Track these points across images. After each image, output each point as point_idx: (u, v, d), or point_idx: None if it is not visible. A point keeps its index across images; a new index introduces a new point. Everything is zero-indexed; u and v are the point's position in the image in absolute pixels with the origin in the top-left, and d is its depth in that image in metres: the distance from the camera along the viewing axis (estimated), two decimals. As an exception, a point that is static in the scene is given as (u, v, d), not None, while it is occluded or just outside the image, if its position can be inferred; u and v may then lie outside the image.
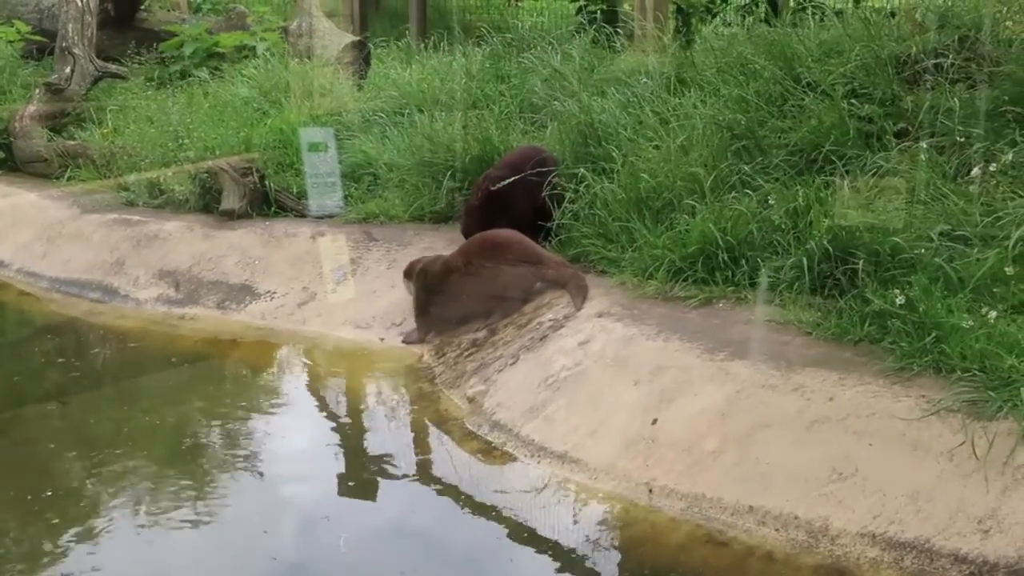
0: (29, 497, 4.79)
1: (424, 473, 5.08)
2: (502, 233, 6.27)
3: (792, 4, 9.86)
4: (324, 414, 5.99)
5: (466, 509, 4.70)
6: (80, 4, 10.31)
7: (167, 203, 8.22)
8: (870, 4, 10.38)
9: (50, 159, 9.23)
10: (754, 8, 10.39)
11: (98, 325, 7.14)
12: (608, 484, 4.71)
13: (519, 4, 15.90)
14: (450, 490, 4.87)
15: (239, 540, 4.55)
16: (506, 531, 4.50)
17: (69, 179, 8.93)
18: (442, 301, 6.32)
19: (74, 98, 9.84)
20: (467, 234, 6.67)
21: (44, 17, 11.49)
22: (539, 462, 4.96)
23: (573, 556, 4.32)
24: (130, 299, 7.35)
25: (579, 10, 11.44)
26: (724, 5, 11.46)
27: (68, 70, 9.93)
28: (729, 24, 9.67)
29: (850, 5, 10.63)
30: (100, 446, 5.39)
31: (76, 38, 10.10)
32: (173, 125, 8.63)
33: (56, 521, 4.60)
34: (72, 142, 9.37)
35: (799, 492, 4.32)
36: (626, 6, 10.43)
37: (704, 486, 4.51)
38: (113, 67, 10.40)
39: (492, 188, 6.65)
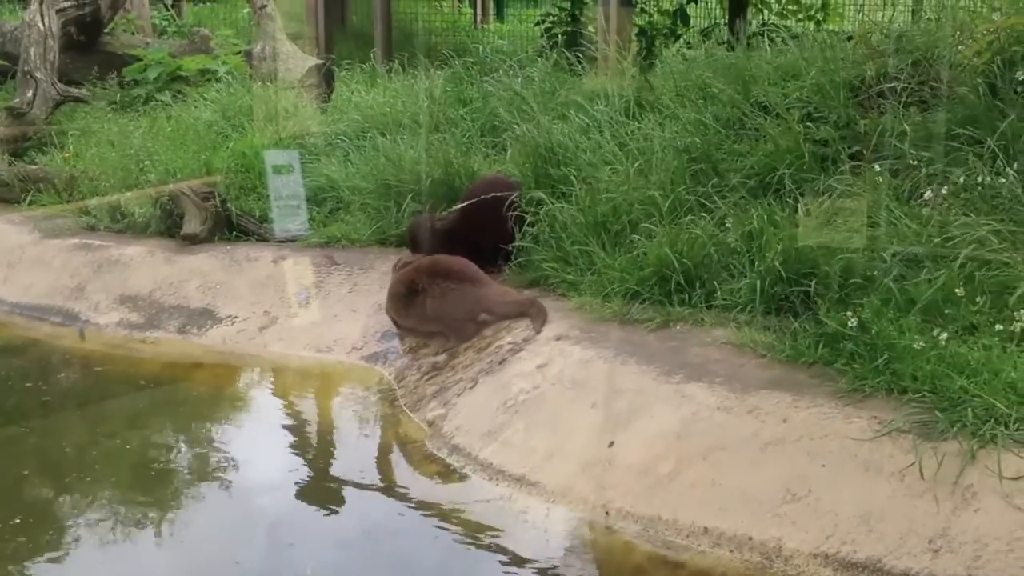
0: (10, 526, 4.77)
1: (385, 498, 5.08)
2: (452, 259, 6.33)
3: (752, 27, 9.98)
4: (286, 439, 5.96)
5: (425, 533, 4.70)
6: (42, 28, 10.29)
7: (128, 227, 8.19)
8: (829, 27, 10.55)
9: (11, 183, 9.16)
10: (714, 31, 10.50)
11: (59, 349, 7.09)
12: (565, 506, 4.74)
13: (484, 27, 16.02)
14: (411, 514, 4.87)
15: (209, 567, 4.54)
16: (465, 555, 4.52)
17: (30, 204, 8.88)
18: (407, 320, 6.40)
19: (36, 122, 9.80)
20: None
21: (6, 41, 11.46)
22: (497, 485, 4.97)
23: (530, 580, 4.34)
24: (91, 324, 7.32)
25: (543, 33, 11.53)
26: (687, 28, 11.59)
27: (30, 94, 9.90)
28: (691, 47, 9.77)
29: (811, 27, 10.79)
30: (66, 471, 5.37)
31: (38, 62, 10.07)
32: (135, 149, 8.62)
33: (26, 548, 4.60)
34: (33, 166, 9.32)
35: (753, 513, 4.35)
36: (590, 28, 10.51)
37: (660, 508, 4.54)
38: (75, 91, 10.37)
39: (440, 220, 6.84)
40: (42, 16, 10.38)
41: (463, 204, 6.72)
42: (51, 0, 10.63)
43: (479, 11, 17.39)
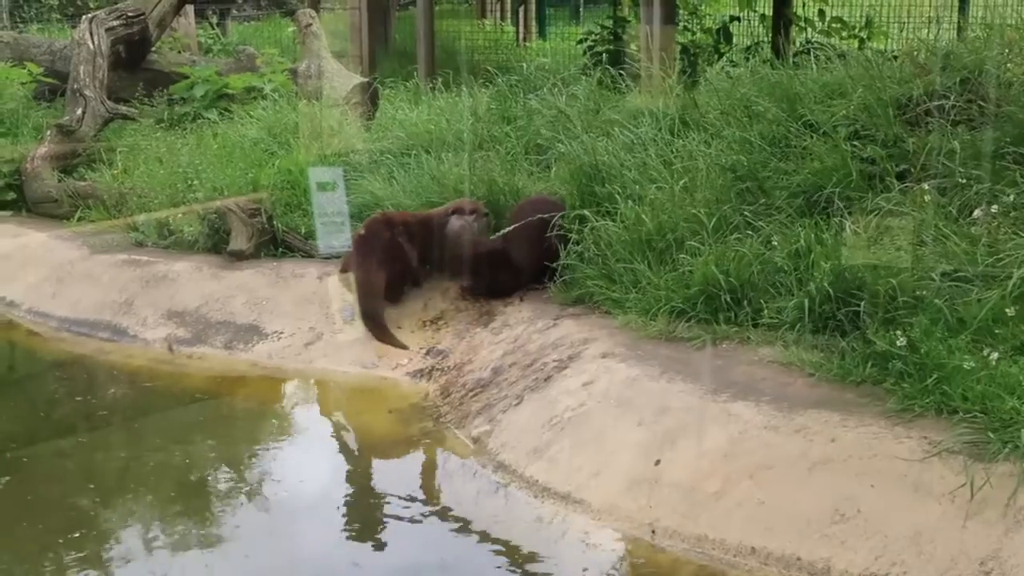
0: (61, 541, 4.85)
1: (432, 514, 5.09)
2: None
3: (796, 45, 9.95)
4: (332, 455, 6.03)
5: (472, 551, 4.74)
6: (92, 46, 10.40)
7: (176, 243, 8.26)
8: (873, 45, 10.49)
9: (60, 200, 9.28)
10: (758, 50, 10.47)
11: (107, 364, 7.17)
12: (611, 524, 4.74)
13: (527, 45, 16.06)
14: (457, 531, 4.90)
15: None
16: (513, 572, 4.53)
17: (79, 220, 8.98)
18: None
19: (85, 139, 9.90)
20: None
21: (56, 59, 11.57)
22: (543, 503, 4.98)
23: (576, 597, 4.34)
24: (139, 339, 7.38)
25: (586, 51, 11.55)
26: (730, 47, 11.57)
27: (79, 112, 10.00)
28: (735, 65, 9.75)
29: (855, 45, 10.74)
30: (121, 487, 5.47)
31: (87, 80, 10.18)
32: (182, 166, 8.69)
33: (84, 562, 4.70)
34: (82, 183, 9.42)
35: (801, 533, 4.33)
36: (632, 46, 10.51)
37: (707, 527, 4.53)
38: (123, 108, 10.46)
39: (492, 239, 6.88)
40: (91, 35, 10.49)
41: (508, 228, 6.75)
42: (100, 19, 10.75)
43: (521, 29, 17.45)
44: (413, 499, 5.25)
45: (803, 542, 4.30)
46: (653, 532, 4.61)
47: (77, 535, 4.92)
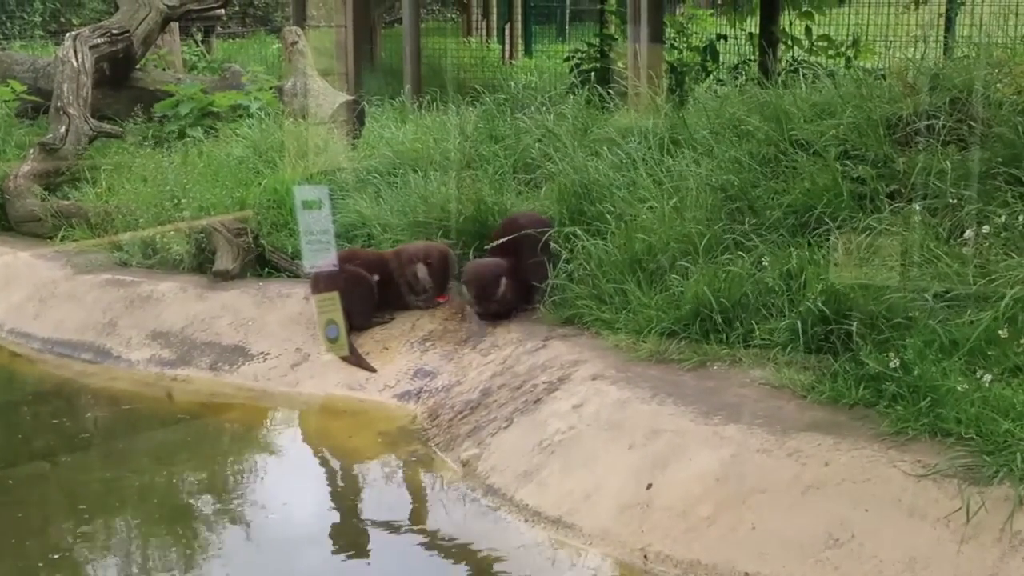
0: (41, 564, 4.79)
1: (419, 539, 5.03)
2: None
3: (784, 64, 9.95)
4: (318, 478, 5.97)
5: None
6: (75, 64, 10.34)
7: (161, 263, 8.19)
8: (861, 63, 10.49)
9: (44, 219, 9.20)
10: (745, 69, 10.46)
11: (90, 387, 7.10)
12: (603, 549, 4.69)
13: (512, 63, 16.06)
14: (446, 556, 4.84)
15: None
16: (501, 599, 4.48)
17: (63, 239, 8.90)
18: None
19: (69, 157, 9.82)
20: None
21: (39, 76, 11.51)
22: (533, 527, 4.93)
23: (568, 624, 4.29)
24: (122, 360, 7.31)
25: (572, 69, 11.53)
26: (717, 65, 11.57)
27: (63, 129, 9.93)
28: (723, 83, 9.74)
29: (842, 63, 10.75)
30: (99, 509, 5.40)
31: (71, 98, 10.11)
32: (168, 185, 8.62)
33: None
34: (66, 202, 9.35)
35: (795, 558, 4.28)
36: (620, 64, 10.49)
37: (699, 552, 4.48)
38: (108, 126, 10.40)
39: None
40: (75, 52, 10.44)
41: (494, 243, 6.70)
42: (84, 36, 10.70)
43: (507, 46, 17.45)
44: (401, 523, 5.20)
45: (797, 567, 4.25)
46: (645, 557, 4.56)
47: (58, 557, 4.86)
